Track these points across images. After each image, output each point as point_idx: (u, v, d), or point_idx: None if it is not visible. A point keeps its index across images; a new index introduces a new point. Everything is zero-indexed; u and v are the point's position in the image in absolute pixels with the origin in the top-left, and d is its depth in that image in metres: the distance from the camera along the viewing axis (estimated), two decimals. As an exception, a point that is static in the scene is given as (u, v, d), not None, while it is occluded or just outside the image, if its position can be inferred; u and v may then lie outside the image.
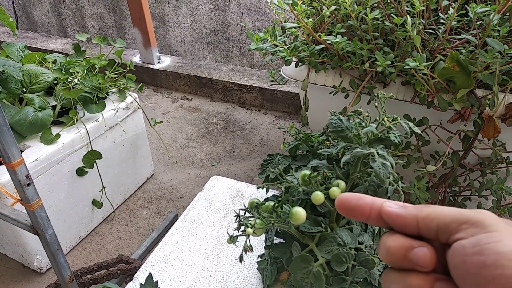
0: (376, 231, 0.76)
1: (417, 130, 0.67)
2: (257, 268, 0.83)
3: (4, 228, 1.21)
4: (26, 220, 0.93)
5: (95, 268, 1.21)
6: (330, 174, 0.68)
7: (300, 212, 0.59)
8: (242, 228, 0.60)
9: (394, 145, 0.61)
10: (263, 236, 0.90)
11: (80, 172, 1.31)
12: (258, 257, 0.83)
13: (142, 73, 2.54)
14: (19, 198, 0.87)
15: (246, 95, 2.30)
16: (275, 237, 0.77)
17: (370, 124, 0.66)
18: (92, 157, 1.29)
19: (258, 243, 0.90)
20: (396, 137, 0.62)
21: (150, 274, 0.61)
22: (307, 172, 0.64)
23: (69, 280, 1.02)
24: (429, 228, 0.25)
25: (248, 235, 0.59)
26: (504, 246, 0.21)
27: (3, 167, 1.06)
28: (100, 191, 1.43)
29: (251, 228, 0.58)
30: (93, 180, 1.39)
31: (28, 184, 0.85)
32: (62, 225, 1.32)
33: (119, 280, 1.19)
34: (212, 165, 1.82)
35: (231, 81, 2.30)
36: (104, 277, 1.18)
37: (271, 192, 1.00)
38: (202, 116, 2.23)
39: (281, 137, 1.98)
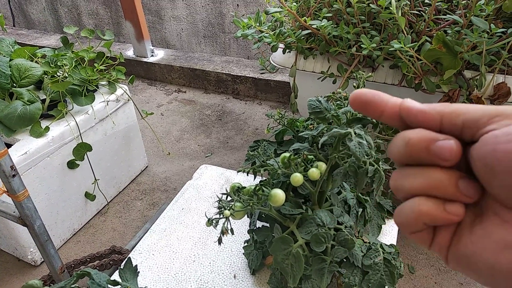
0: (359, 213, 0.76)
1: (397, 109, 0.66)
2: (243, 253, 0.83)
3: (-3, 222, 1.22)
4: (14, 212, 0.93)
5: (88, 259, 1.22)
6: (311, 156, 0.67)
7: (278, 194, 0.59)
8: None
9: (372, 124, 0.60)
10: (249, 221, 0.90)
11: (71, 165, 1.31)
12: (244, 243, 0.83)
13: (135, 66, 2.54)
14: (5, 190, 0.87)
15: (240, 86, 2.29)
16: (260, 222, 0.77)
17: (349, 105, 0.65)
18: (82, 150, 1.29)
19: (245, 228, 0.90)
20: (374, 116, 0.62)
21: (129, 258, 0.61)
22: (287, 154, 0.64)
23: (60, 271, 1.02)
24: (454, 124, 0.24)
25: (227, 218, 0.59)
26: None
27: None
28: (93, 183, 1.43)
29: (228, 210, 0.58)
30: (85, 173, 1.39)
31: (14, 175, 0.85)
32: (55, 218, 1.33)
33: (112, 271, 1.20)
34: (206, 156, 1.82)
35: (224, 72, 2.29)
36: (97, 267, 1.18)
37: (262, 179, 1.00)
38: (196, 108, 2.22)
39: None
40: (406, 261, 1.28)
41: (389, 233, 0.89)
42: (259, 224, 0.77)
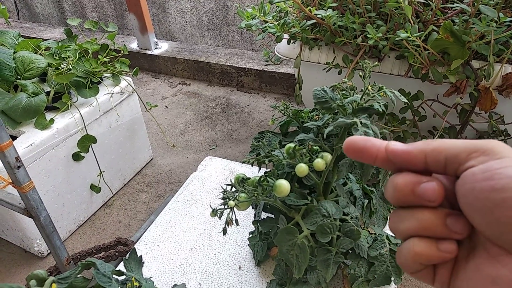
0: (365, 204, 0.75)
1: (403, 99, 0.66)
2: (248, 245, 0.83)
3: (4, 214, 1.22)
4: (20, 203, 0.94)
5: (94, 251, 1.22)
6: (317, 147, 0.67)
7: (283, 184, 0.59)
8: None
9: (379, 114, 0.60)
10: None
11: (76, 157, 1.31)
12: (249, 234, 0.83)
13: (140, 59, 2.53)
14: (11, 181, 0.87)
15: (244, 78, 2.28)
16: (265, 213, 0.77)
17: (355, 94, 0.64)
18: (86, 142, 1.29)
19: (250, 219, 0.90)
20: (380, 105, 0.61)
21: (134, 249, 0.61)
22: (292, 145, 0.63)
23: (66, 262, 1.03)
24: (437, 161, 0.24)
25: (232, 209, 0.59)
26: None
27: None
28: (98, 176, 1.43)
29: (233, 201, 0.57)
30: (90, 165, 1.40)
31: (19, 167, 0.85)
32: (61, 210, 1.34)
33: (118, 262, 1.20)
34: (211, 149, 1.82)
35: (229, 64, 2.28)
36: (103, 259, 1.19)
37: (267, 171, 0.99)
38: (200, 100, 2.22)
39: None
40: (411, 253, 1.27)
41: (394, 225, 0.89)
42: (264, 215, 0.76)
